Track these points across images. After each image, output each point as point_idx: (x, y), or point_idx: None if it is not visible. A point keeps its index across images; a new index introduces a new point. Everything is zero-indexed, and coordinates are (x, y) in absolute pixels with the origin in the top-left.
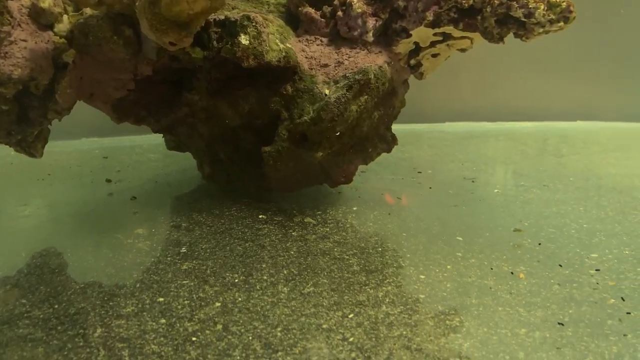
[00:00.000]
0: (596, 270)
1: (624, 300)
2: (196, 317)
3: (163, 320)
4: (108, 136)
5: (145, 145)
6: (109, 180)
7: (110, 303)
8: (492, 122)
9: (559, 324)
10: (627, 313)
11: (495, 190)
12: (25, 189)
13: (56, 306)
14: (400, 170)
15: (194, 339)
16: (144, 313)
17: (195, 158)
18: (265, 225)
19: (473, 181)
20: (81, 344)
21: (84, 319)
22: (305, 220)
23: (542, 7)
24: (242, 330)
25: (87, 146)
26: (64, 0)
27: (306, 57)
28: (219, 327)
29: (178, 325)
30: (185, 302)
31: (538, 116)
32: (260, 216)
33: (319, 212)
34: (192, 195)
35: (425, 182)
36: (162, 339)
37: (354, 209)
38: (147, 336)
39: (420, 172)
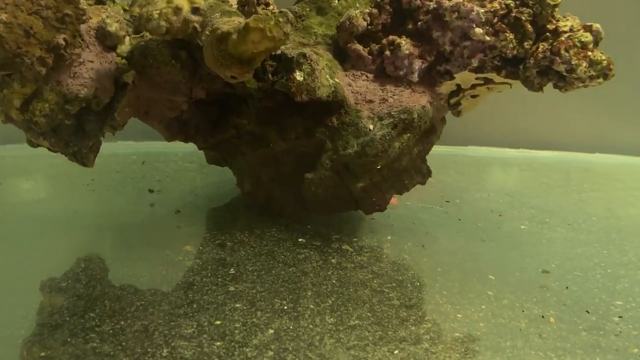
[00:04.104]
0: (619, 317)
1: None
2: (252, 342)
3: (220, 343)
4: (142, 140)
5: (180, 153)
6: (151, 191)
7: (172, 323)
8: (514, 149)
9: None
10: None
11: (522, 227)
12: (73, 194)
13: (122, 322)
14: (430, 198)
15: None
16: (204, 335)
17: (235, 175)
18: (305, 250)
19: (500, 215)
20: None
21: (150, 338)
22: (342, 247)
23: (585, 64)
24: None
25: (124, 150)
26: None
27: (352, 92)
28: (272, 353)
29: (237, 350)
30: (241, 326)
31: (558, 146)
32: (300, 240)
33: (355, 239)
34: (233, 211)
35: (454, 212)
36: None
37: (388, 238)
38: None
39: (448, 202)
